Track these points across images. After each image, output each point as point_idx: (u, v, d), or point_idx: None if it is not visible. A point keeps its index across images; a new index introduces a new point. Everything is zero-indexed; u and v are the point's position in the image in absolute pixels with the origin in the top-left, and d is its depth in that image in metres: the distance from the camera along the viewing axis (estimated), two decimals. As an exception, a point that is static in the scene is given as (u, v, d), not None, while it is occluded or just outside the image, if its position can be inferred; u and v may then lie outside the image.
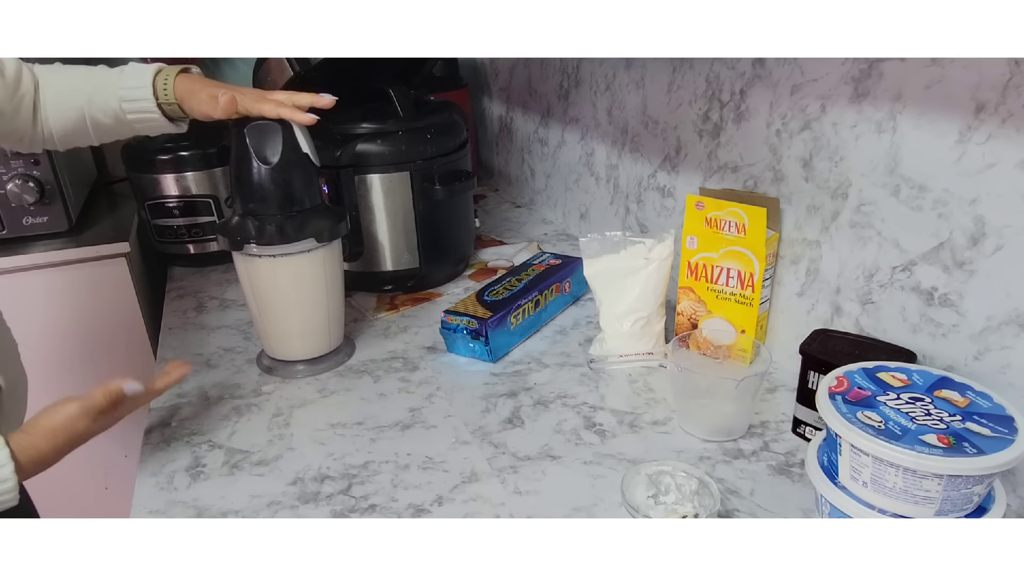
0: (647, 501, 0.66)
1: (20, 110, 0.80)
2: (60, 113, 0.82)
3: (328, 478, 0.74)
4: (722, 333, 0.86)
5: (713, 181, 0.97)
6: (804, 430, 0.76)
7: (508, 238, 1.40)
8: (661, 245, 0.91)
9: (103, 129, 0.84)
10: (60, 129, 0.83)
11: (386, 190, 1.07)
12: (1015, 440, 0.52)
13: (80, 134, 0.84)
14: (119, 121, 0.83)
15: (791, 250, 0.86)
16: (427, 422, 0.83)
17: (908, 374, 0.62)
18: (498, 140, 1.74)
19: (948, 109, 0.64)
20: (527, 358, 0.96)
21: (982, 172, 0.62)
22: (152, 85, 0.81)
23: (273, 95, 0.83)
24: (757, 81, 0.85)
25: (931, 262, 0.69)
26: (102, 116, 0.82)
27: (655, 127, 1.07)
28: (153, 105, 0.81)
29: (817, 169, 0.80)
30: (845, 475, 0.58)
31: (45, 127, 0.82)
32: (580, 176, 1.34)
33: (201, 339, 1.05)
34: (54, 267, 1.22)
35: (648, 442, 0.78)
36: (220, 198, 1.28)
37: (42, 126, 0.82)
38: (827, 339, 0.75)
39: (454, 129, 1.14)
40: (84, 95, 0.82)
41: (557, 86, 1.37)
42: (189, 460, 0.78)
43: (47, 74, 0.82)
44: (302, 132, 0.86)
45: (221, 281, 1.25)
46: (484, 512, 0.69)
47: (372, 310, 1.12)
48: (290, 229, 0.86)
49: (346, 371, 0.95)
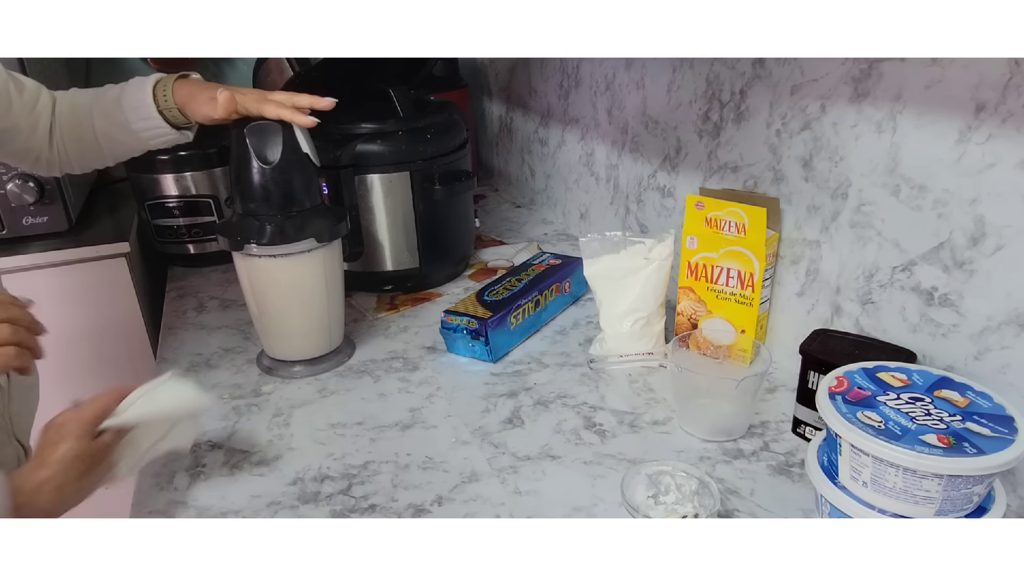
0: (647, 501, 0.66)
1: (37, 128, 0.81)
2: (75, 133, 0.84)
3: (328, 478, 0.74)
4: (722, 333, 0.86)
5: (713, 181, 0.97)
6: (804, 430, 0.76)
7: (508, 238, 1.40)
8: (661, 245, 0.91)
9: (115, 144, 0.85)
10: (75, 148, 0.85)
11: (386, 190, 1.07)
12: (1015, 440, 0.52)
13: (94, 152, 0.86)
14: (127, 132, 0.83)
15: (791, 250, 0.86)
16: (427, 422, 0.83)
17: (908, 374, 0.62)
18: (498, 140, 1.74)
19: (948, 109, 0.64)
20: (527, 358, 0.96)
21: (982, 172, 0.62)
22: (152, 92, 0.82)
23: (273, 96, 0.83)
24: (757, 81, 0.85)
25: (931, 262, 0.69)
26: (112, 130, 0.84)
27: (655, 127, 1.07)
28: (155, 112, 0.82)
29: (817, 169, 0.80)
30: (845, 475, 0.58)
31: (61, 148, 0.84)
32: (580, 176, 1.34)
33: (201, 339, 1.05)
34: (54, 267, 1.22)
35: (648, 442, 0.78)
36: (220, 198, 1.28)
37: (58, 147, 0.84)
38: (827, 339, 0.75)
39: (454, 129, 1.14)
40: (94, 111, 0.83)
41: (557, 86, 1.37)
42: (189, 460, 0.78)
43: (62, 96, 0.85)
44: (302, 132, 0.86)
45: (221, 281, 1.25)
46: (484, 512, 0.69)
47: (372, 310, 1.12)
48: (290, 229, 0.86)
49: (346, 371, 0.95)
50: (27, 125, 0.80)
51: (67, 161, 0.86)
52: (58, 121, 0.83)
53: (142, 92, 0.82)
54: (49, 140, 0.83)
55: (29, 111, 0.80)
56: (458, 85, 1.69)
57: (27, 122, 0.80)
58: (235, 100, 0.81)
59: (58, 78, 1.40)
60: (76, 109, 0.84)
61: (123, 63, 1.63)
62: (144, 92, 0.82)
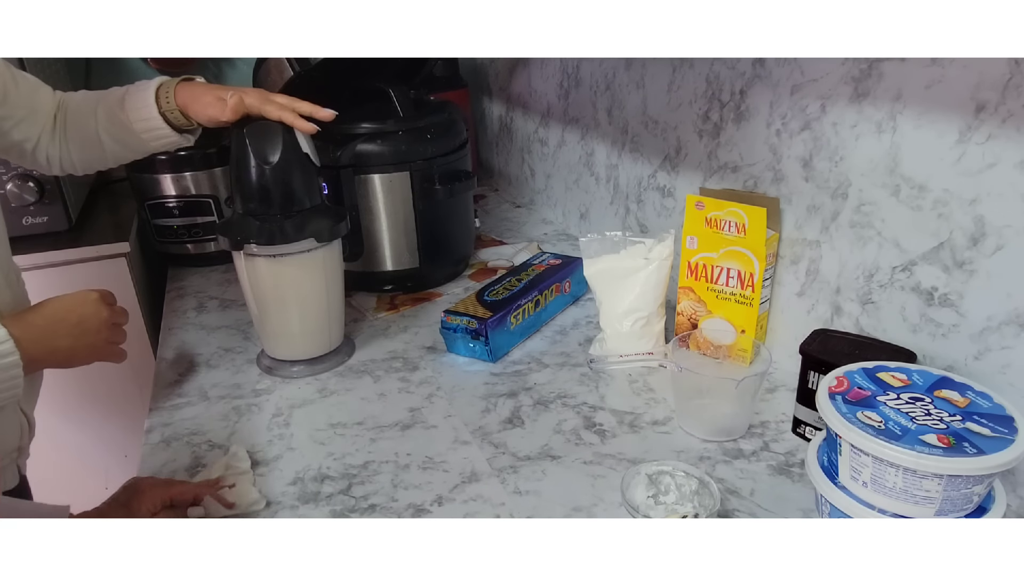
0: (647, 501, 0.66)
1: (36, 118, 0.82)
2: (78, 130, 0.85)
3: (328, 478, 0.74)
4: (722, 333, 0.86)
5: (713, 181, 0.97)
6: (804, 430, 0.76)
7: (508, 238, 1.40)
8: (661, 245, 0.91)
9: (117, 144, 0.86)
10: (78, 147, 0.85)
11: (386, 190, 1.07)
12: (1015, 440, 0.52)
13: (96, 151, 0.86)
14: (129, 132, 0.84)
15: (791, 250, 0.86)
16: (427, 422, 0.83)
17: (908, 374, 0.62)
18: (498, 140, 1.74)
19: (948, 109, 0.64)
20: (527, 358, 0.96)
21: (982, 172, 0.62)
22: (155, 93, 0.83)
23: (276, 97, 0.84)
24: (757, 81, 0.85)
25: (931, 262, 0.69)
26: (114, 129, 0.84)
27: (655, 127, 1.07)
28: (156, 112, 0.83)
29: (817, 169, 0.80)
30: (845, 475, 0.58)
31: (64, 146, 0.85)
32: (580, 176, 1.34)
33: (201, 339, 1.05)
34: (54, 267, 1.22)
35: (648, 442, 0.78)
36: (220, 198, 1.28)
37: (61, 144, 0.85)
38: (827, 339, 0.75)
39: (454, 129, 1.14)
40: (99, 110, 0.84)
41: (557, 86, 1.37)
42: (189, 460, 0.78)
43: (69, 95, 0.86)
44: (302, 132, 0.86)
45: (221, 281, 1.25)
46: (484, 512, 0.69)
47: (372, 310, 1.12)
48: (290, 229, 0.86)
49: (346, 371, 0.95)
50: (24, 113, 0.80)
51: (68, 159, 0.86)
52: (62, 117, 0.84)
53: (144, 93, 0.83)
54: (52, 132, 0.84)
55: (26, 100, 0.81)
56: (458, 85, 1.69)
57: (24, 111, 0.80)
58: (244, 103, 0.82)
59: (58, 78, 1.40)
60: (81, 107, 0.85)
61: (123, 63, 1.63)
62: (147, 93, 0.83)
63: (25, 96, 0.80)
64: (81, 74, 1.59)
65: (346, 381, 0.92)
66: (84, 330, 0.71)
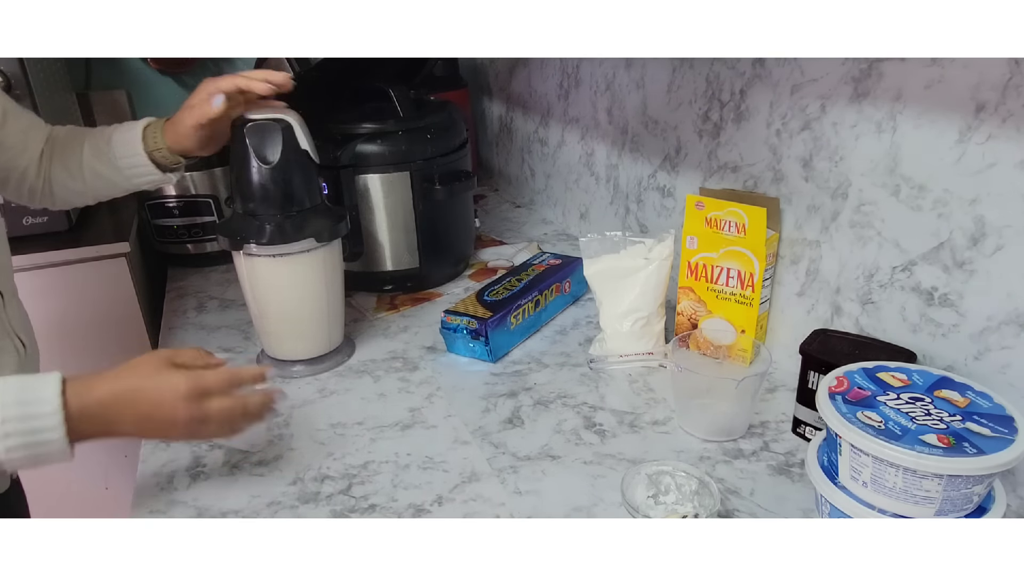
0: (647, 501, 0.66)
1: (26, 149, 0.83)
2: (63, 161, 0.85)
3: (328, 478, 0.74)
4: (722, 333, 0.86)
5: (713, 181, 0.97)
6: (804, 430, 0.76)
7: (508, 238, 1.40)
8: (661, 245, 0.91)
9: (99, 179, 0.86)
10: (60, 178, 0.86)
11: (386, 190, 1.07)
12: (1015, 440, 0.52)
13: (77, 184, 0.87)
14: (112, 167, 0.85)
15: (791, 250, 0.86)
16: (427, 422, 0.83)
17: (908, 374, 0.62)
18: (498, 140, 1.74)
19: (948, 109, 0.64)
20: (527, 358, 0.96)
21: (982, 172, 0.62)
22: (142, 132, 0.84)
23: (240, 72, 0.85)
24: (757, 81, 0.85)
25: (931, 262, 0.69)
26: (98, 164, 0.85)
27: (655, 127, 1.07)
28: (141, 149, 0.84)
29: (817, 169, 0.80)
30: (845, 475, 0.58)
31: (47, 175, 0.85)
32: (580, 176, 1.34)
33: (201, 339, 1.05)
34: (54, 267, 1.22)
35: (648, 442, 0.78)
36: (220, 198, 1.28)
37: (45, 174, 0.85)
38: (827, 339, 0.75)
39: (454, 129, 1.14)
40: (86, 143, 0.85)
41: (557, 86, 1.37)
42: (189, 460, 0.78)
43: (59, 128, 0.87)
44: (303, 131, 0.86)
45: (221, 281, 1.25)
46: (484, 512, 0.69)
47: (372, 310, 1.12)
48: (290, 229, 0.86)
49: (346, 371, 0.95)
50: (16, 143, 0.81)
51: (49, 191, 0.86)
52: (50, 147, 0.85)
53: (132, 132, 0.85)
54: (38, 165, 0.85)
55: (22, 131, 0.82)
56: (458, 85, 1.69)
57: (16, 140, 0.81)
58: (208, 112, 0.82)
59: (58, 78, 1.40)
60: (69, 139, 0.86)
61: (123, 63, 1.63)
62: (134, 131, 0.84)
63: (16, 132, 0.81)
64: (81, 74, 1.59)
65: (346, 381, 0.92)
66: (153, 425, 0.63)
